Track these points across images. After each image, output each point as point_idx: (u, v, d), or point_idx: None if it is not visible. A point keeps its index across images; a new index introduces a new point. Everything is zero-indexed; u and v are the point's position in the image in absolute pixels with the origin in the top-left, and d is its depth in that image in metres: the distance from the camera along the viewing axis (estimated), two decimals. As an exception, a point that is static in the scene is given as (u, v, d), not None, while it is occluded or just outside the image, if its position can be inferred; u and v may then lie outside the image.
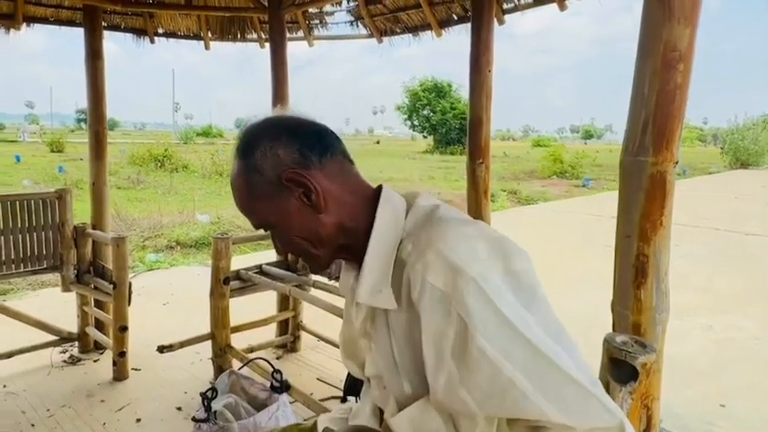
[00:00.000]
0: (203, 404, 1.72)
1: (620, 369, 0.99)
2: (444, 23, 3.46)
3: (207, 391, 1.75)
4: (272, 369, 1.91)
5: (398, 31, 3.74)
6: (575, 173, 20.54)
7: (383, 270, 0.84)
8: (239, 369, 1.97)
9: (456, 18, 3.39)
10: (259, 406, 1.88)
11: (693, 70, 1.21)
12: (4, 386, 3.04)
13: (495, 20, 2.65)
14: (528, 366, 0.70)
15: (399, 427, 0.87)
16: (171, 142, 24.46)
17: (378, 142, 67.74)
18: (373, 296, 0.85)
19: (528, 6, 2.96)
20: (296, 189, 0.84)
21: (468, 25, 3.34)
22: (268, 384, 1.96)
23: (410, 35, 3.73)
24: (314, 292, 3.17)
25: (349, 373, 2.48)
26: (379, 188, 0.92)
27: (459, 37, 3.45)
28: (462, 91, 38.22)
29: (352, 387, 2.48)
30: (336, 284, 3.17)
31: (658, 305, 1.23)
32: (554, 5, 2.84)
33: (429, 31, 3.59)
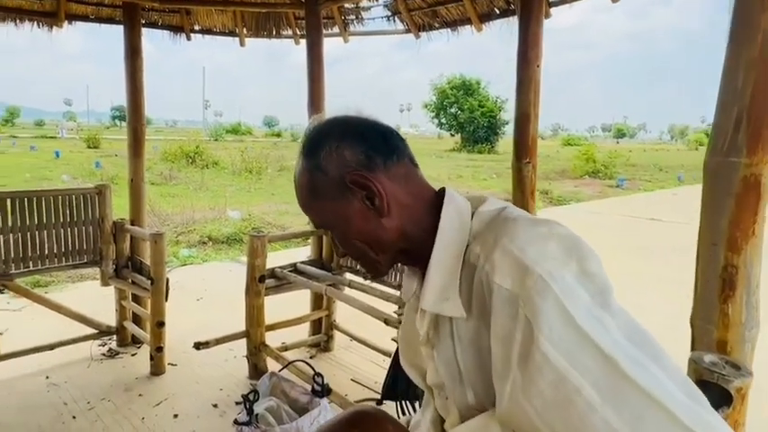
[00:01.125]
0: (245, 407, 1.69)
1: (710, 392, 0.89)
2: (485, 17, 3.36)
3: (249, 394, 1.72)
4: (312, 372, 1.86)
5: (437, 25, 3.65)
6: (608, 173, 20.04)
7: (450, 276, 0.79)
8: (279, 371, 1.93)
9: (498, 12, 3.29)
10: (299, 410, 1.84)
11: None
12: (47, 377, 3.10)
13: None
14: (598, 376, 0.63)
15: None
16: (201, 139, 24.91)
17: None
18: (440, 304, 0.80)
19: (576, -1, 2.84)
20: (359, 192, 0.81)
21: (510, 19, 3.26)
22: (308, 387, 1.92)
23: (448, 30, 3.64)
24: (348, 291, 3.13)
25: (388, 376, 2.44)
26: (442, 191, 0.88)
27: (490, 34, 3.35)
28: (491, 88, 37.75)
29: (392, 390, 2.43)
30: (372, 284, 3.12)
31: (748, 321, 1.12)
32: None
33: (468, 26, 3.49)
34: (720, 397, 0.89)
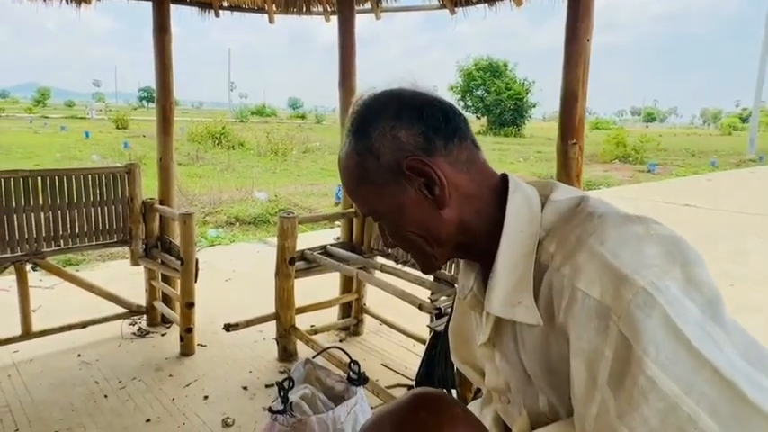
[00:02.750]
0: (279, 394, 1.62)
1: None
2: (526, -10, 3.18)
3: (283, 381, 1.65)
4: (348, 359, 1.79)
5: (474, 0, 3.48)
6: (638, 157, 19.48)
7: (521, 276, 0.69)
8: (314, 357, 1.87)
9: (541, -16, 3.10)
10: (335, 398, 1.77)
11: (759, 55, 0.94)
12: (79, 355, 3.12)
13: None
14: (716, 404, 0.54)
15: None
16: (227, 121, 25.04)
17: (428, 123, 66.81)
18: (511, 309, 0.70)
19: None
20: (416, 179, 0.71)
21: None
22: (343, 375, 1.85)
23: (486, 6, 3.47)
24: (379, 275, 3.06)
25: (422, 364, 2.36)
26: (505, 177, 0.78)
27: (517, 15, 3.16)
28: (518, 70, 36.95)
29: (426, 379, 2.35)
30: (404, 268, 3.03)
31: None
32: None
33: (507, 1, 3.32)
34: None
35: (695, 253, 0.62)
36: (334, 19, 3.58)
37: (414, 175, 0.70)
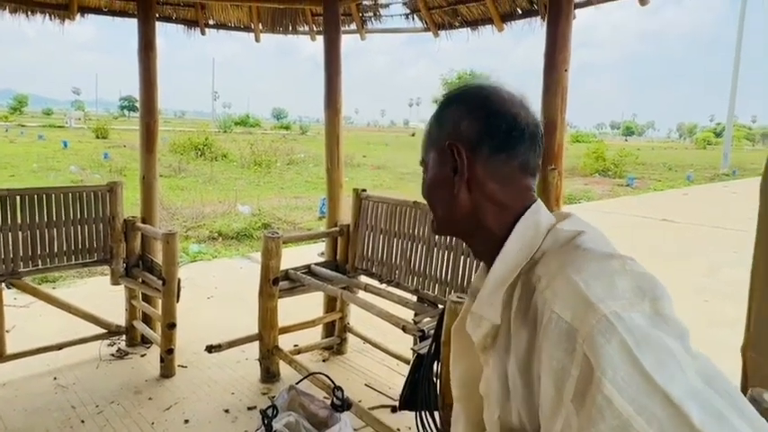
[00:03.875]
0: (263, 422, 1.62)
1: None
2: (507, 17, 3.26)
3: (267, 409, 1.66)
4: (332, 385, 1.80)
5: (456, 24, 3.56)
6: (618, 171, 19.86)
7: (501, 285, 0.78)
8: (297, 383, 1.87)
9: (521, 12, 3.19)
10: (319, 425, 1.77)
11: (740, 65, 1.00)
12: (55, 378, 3.06)
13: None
14: (665, 426, 0.58)
15: None
16: (210, 131, 24.87)
17: (413, 134, 67.36)
18: (484, 307, 0.80)
19: (603, 0, 2.74)
20: (450, 160, 0.82)
21: (532, 20, 3.16)
22: (327, 400, 1.86)
23: (468, 29, 3.55)
24: (363, 294, 3.07)
25: (406, 385, 2.37)
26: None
27: (521, 26, 3.27)
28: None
29: (411, 400, 2.36)
30: (388, 288, 3.05)
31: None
32: (633, 0, 2.61)
33: (489, 26, 3.40)
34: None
35: (664, 291, 0.68)
36: (320, 37, 3.62)
37: (449, 156, 0.80)
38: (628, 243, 7.75)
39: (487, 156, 0.79)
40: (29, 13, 3.49)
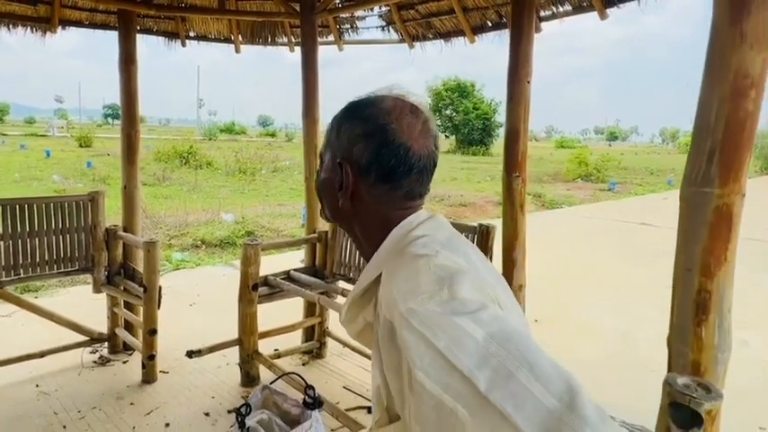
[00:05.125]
0: (237, 420, 1.71)
1: (682, 413, 0.93)
2: (478, 30, 3.40)
3: (241, 407, 1.74)
4: (304, 384, 1.88)
5: (430, 36, 3.69)
6: (600, 176, 20.20)
7: (361, 284, 0.88)
8: (271, 383, 1.95)
9: (490, 24, 3.33)
10: (292, 422, 1.86)
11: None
12: (37, 385, 3.10)
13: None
14: (466, 397, 0.65)
15: None
16: (195, 139, 24.80)
17: (398, 141, 67.49)
18: (347, 304, 0.92)
19: (567, 14, 2.89)
20: (339, 175, 0.86)
21: (502, 32, 3.30)
22: (300, 399, 1.94)
23: (442, 41, 3.68)
24: (341, 299, 3.16)
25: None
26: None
27: (494, 38, 3.40)
28: (485, 91, 37.90)
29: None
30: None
31: (720, 344, 1.16)
32: (594, 13, 2.76)
33: (462, 38, 3.53)
34: (692, 418, 0.92)
35: (464, 276, 0.75)
36: (299, 48, 3.72)
37: (339, 169, 0.86)
38: (607, 247, 7.94)
39: (372, 182, 0.84)
40: (10, 26, 3.55)
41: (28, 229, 3.17)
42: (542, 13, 2.99)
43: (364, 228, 0.89)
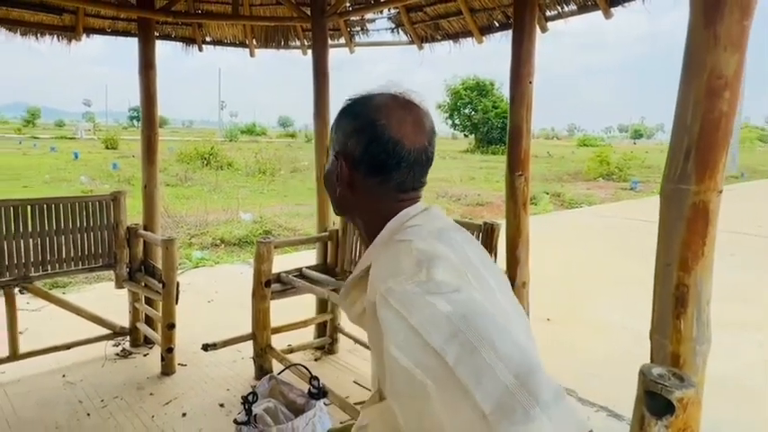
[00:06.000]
0: (244, 407, 1.80)
1: (656, 402, 0.99)
2: (485, 30, 3.45)
3: (248, 395, 1.83)
4: (309, 375, 1.97)
5: (439, 37, 3.75)
6: (622, 175, 19.88)
7: (358, 270, 0.94)
8: (279, 374, 2.05)
9: (498, 25, 3.37)
10: (297, 411, 1.95)
11: (751, 64, 1.16)
12: (64, 375, 3.26)
13: (537, 28, 2.62)
14: (436, 371, 0.69)
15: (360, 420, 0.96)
16: (216, 140, 25.24)
17: (418, 140, 67.36)
18: (344, 289, 0.98)
19: (572, 14, 2.92)
20: (336, 167, 0.93)
21: (508, 32, 3.34)
22: (306, 390, 2.03)
23: (450, 42, 3.74)
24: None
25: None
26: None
27: (501, 39, 3.45)
28: (504, 90, 37.60)
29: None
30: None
31: (699, 336, 1.19)
32: (599, 12, 2.79)
33: (470, 38, 3.59)
34: (664, 406, 0.97)
35: (442, 259, 0.79)
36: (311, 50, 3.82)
37: (336, 162, 0.94)
38: (621, 246, 7.86)
39: (364, 175, 0.91)
40: (38, 34, 3.74)
41: (55, 227, 3.34)
42: (548, 13, 3.03)
43: (364, 219, 0.95)
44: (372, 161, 0.89)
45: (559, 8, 2.95)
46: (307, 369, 2.01)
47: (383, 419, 0.87)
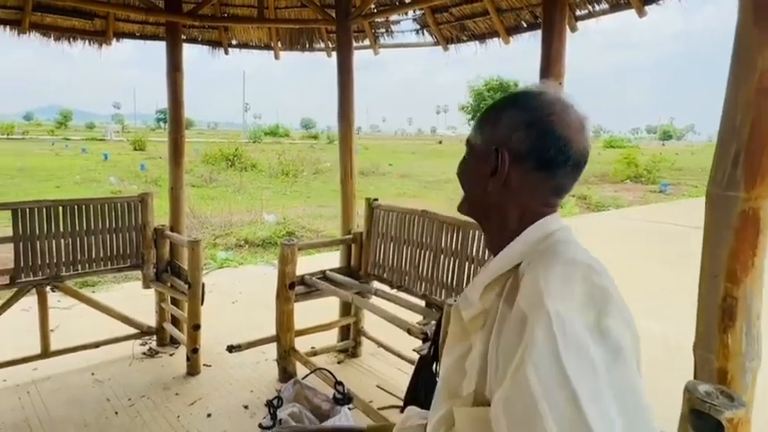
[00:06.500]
0: (269, 411, 1.79)
1: (704, 422, 0.93)
2: (512, 31, 3.39)
3: (273, 399, 1.82)
4: (334, 380, 1.95)
5: (464, 38, 3.70)
6: (651, 177, 19.41)
7: (490, 274, 0.88)
8: (303, 378, 2.03)
9: (525, 25, 3.31)
10: (322, 416, 1.93)
11: None
12: (93, 374, 3.32)
13: (566, 27, 2.55)
14: (564, 416, 0.67)
15: (432, 424, 0.90)
16: (240, 142, 25.59)
17: (440, 142, 67.35)
18: (472, 291, 0.89)
19: (603, 13, 2.84)
20: (494, 162, 0.86)
21: (536, 32, 3.28)
22: (330, 395, 2.01)
23: (476, 42, 3.68)
24: (375, 300, 3.22)
25: (410, 384, 2.51)
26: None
27: (530, 39, 3.38)
28: (529, 90, 37.18)
29: (413, 397, 2.50)
30: (398, 293, 3.19)
31: (748, 351, 1.12)
32: (632, 11, 2.71)
33: (496, 39, 3.53)
34: (713, 427, 0.91)
35: (618, 309, 0.75)
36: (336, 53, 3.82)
37: (494, 157, 0.86)
38: (652, 250, 7.66)
39: (528, 170, 0.85)
40: (70, 39, 3.83)
41: (85, 228, 3.40)
42: (578, 12, 2.96)
43: (502, 217, 0.89)
44: (541, 156, 0.84)
45: (590, 7, 2.88)
46: (331, 374, 1.99)
47: (474, 427, 0.83)
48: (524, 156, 0.84)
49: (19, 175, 15.19)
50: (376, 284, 3.40)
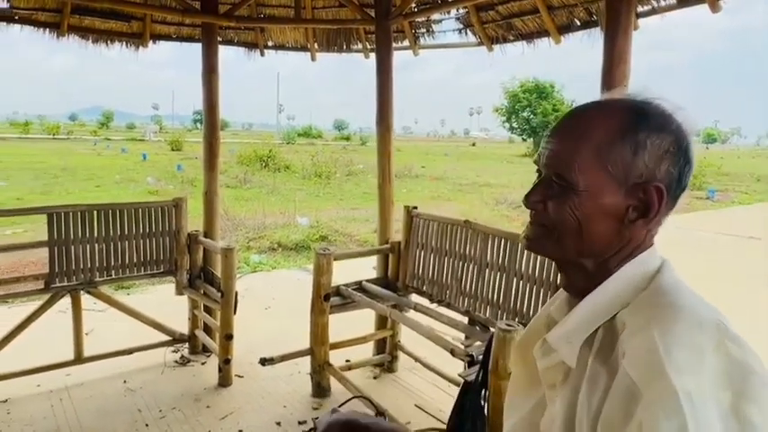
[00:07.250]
0: (305, 444, 1.64)
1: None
2: (564, 29, 3.16)
3: (309, 431, 1.67)
4: (376, 410, 1.78)
5: (511, 38, 3.49)
6: (696, 182, 18.54)
7: (586, 325, 0.71)
8: (340, 406, 1.87)
9: (579, 23, 3.08)
10: (360, 449, 1.76)
11: None
12: (125, 381, 3.27)
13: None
14: None
15: None
16: (274, 143, 25.83)
17: (473, 144, 66.68)
18: (561, 342, 0.72)
19: (670, 9, 2.59)
20: (636, 199, 0.69)
21: (590, 31, 3.04)
22: (369, 424, 1.84)
23: (524, 42, 3.47)
24: (413, 314, 3.05)
25: (454, 409, 2.32)
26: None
27: (573, 39, 3.14)
28: (565, 93, 36.41)
29: (458, 426, 2.31)
30: (438, 308, 3.01)
31: None
32: (704, 6, 2.45)
33: (546, 38, 3.31)
34: None
35: (755, 388, 0.58)
36: (373, 54, 3.67)
37: (640, 194, 0.69)
38: (703, 264, 7.21)
39: (673, 199, 0.70)
40: (108, 41, 3.81)
41: (119, 233, 3.36)
42: (640, 8, 2.71)
43: (608, 259, 0.72)
44: (684, 183, 0.70)
45: (654, 2, 2.63)
46: (372, 403, 1.83)
47: None
48: (670, 187, 0.68)
49: (62, 175, 15.69)
50: (415, 297, 3.23)
